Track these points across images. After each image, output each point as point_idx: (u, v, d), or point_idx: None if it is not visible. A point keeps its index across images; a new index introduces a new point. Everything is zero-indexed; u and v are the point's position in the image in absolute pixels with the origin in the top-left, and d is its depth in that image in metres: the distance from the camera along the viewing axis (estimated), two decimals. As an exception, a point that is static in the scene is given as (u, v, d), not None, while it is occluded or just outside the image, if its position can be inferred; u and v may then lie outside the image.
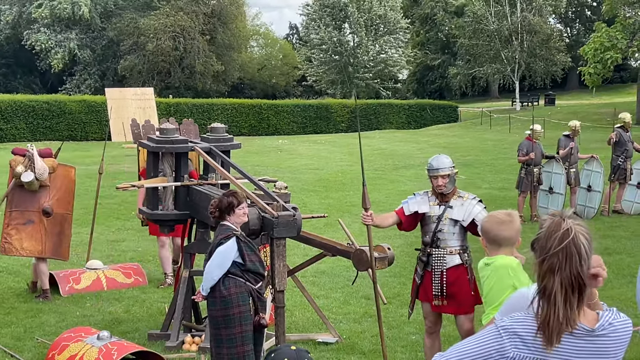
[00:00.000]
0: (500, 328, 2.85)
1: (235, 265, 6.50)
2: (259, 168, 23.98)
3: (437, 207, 7.10)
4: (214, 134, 8.83)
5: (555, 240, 2.76)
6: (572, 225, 2.78)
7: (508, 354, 2.81)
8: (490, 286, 5.02)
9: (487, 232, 4.95)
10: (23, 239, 9.99)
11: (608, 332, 2.81)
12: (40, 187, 9.98)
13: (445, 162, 7.14)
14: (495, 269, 4.94)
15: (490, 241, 4.94)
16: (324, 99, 58.98)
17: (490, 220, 4.97)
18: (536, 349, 2.78)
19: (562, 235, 2.76)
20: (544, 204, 15.64)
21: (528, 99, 57.31)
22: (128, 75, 63.97)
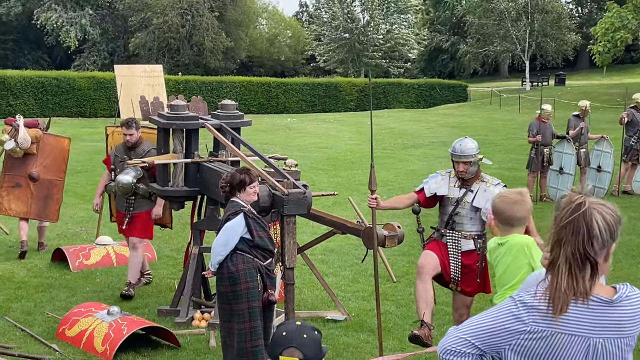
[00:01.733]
0: (519, 302, 2.83)
1: (243, 242, 6.49)
2: (268, 146, 23.95)
3: (458, 189, 6.97)
4: (225, 110, 8.81)
5: (567, 213, 2.75)
6: (586, 200, 2.75)
7: (526, 328, 2.79)
8: (505, 265, 4.98)
9: (501, 213, 4.89)
10: (11, 201, 11.15)
11: (625, 304, 2.79)
12: (28, 155, 11.04)
13: (470, 147, 6.90)
14: (509, 248, 4.90)
15: (504, 222, 4.89)
16: (333, 78, 58.81)
17: (503, 200, 4.91)
18: (555, 322, 2.77)
19: (572, 209, 2.75)
20: (554, 184, 15.60)
21: (538, 79, 57.03)
22: (138, 53, 63.78)
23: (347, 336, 7.93)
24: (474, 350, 2.86)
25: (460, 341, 2.88)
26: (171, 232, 12.61)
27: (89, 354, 7.26)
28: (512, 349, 2.82)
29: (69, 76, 41.34)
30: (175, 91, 40.38)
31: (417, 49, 71.97)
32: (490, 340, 2.84)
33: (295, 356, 2.98)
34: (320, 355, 3.04)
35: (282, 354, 2.99)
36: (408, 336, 6.85)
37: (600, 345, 2.76)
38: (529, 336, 2.78)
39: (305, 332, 3.04)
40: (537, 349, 2.79)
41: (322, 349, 3.07)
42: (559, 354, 2.78)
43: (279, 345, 3.02)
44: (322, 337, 3.12)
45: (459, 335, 2.89)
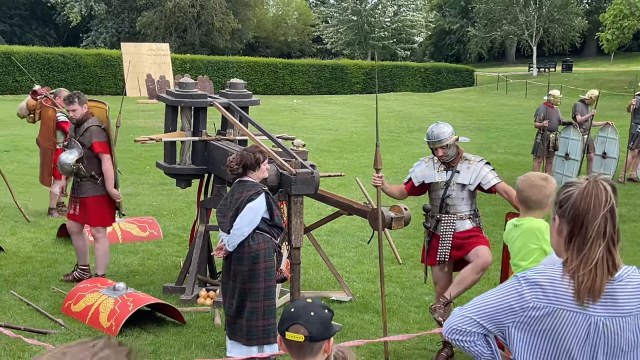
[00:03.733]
0: (522, 278, 2.87)
1: (262, 221, 6.52)
2: (274, 127, 23.92)
3: (445, 172, 7.04)
4: (233, 89, 8.80)
5: (586, 192, 2.82)
6: (595, 179, 2.85)
7: (528, 304, 2.82)
8: (518, 248, 5.02)
9: (520, 192, 4.98)
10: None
11: (625, 283, 2.82)
12: (39, 123, 12.18)
13: (444, 132, 6.94)
14: (523, 232, 4.94)
15: (521, 201, 4.98)
16: (339, 60, 58.65)
17: (525, 180, 4.98)
18: (557, 298, 2.79)
19: (589, 189, 2.83)
20: (559, 170, 15.58)
21: (545, 65, 56.84)
22: (146, 31, 63.56)
23: (352, 317, 7.95)
24: (480, 329, 2.89)
25: (465, 320, 2.91)
26: (177, 210, 12.67)
27: (95, 329, 7.30)
28: (516, 327, 2.85)
29: (75, 53, 41.26)
30: (181, 70, 40.35)
31: (424, 32, 71.76)
32: (495, 318, 2.87)
33: (301, 333, 2.99)
34: (328, 334, 3.04)
35: (289, 329, 3.01)
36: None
37: (602, 324, 2.78)
38: (532, 313, 2.81)
39: (313, 309, 3.05)
40: (540, 326, 2.82)
41: (331, 328, 3.07)
42: (562, 331, 2.80)
43: (286, 321, 3.04)
44: (333, 316, 3.11)
45: (464, 314, 2.93)
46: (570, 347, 2.81)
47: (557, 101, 15.49)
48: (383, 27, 67.67)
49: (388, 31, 67.65)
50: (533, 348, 2.86)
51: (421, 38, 72.61)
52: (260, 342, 6.59)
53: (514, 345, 2.88)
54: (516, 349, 2.89)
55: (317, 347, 3.03)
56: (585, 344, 2.80)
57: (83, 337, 7.06)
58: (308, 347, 3.01)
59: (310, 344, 3.00)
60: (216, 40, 64.70)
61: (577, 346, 2.81)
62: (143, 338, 7.19)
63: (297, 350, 3.03)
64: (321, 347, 3.04)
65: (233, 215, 6.51)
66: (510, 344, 2.90)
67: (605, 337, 2.79)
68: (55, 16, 67.02)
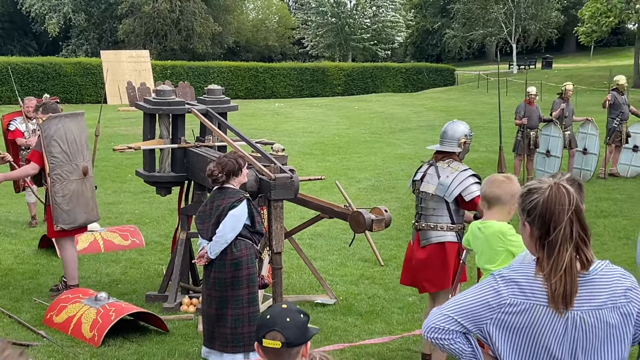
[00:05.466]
0: (498, 276, 2.91)
1: (244, 228, 6.51)
2: (256, 131, 23.93)
3: None
4: (211, 95, 8.79)
5: (548, 194, 2.86)
6: (555, 182, 2.89)
7: (505, 301, 2.86)
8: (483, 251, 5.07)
9: (481, 189, 5.08)
10: None
11: (600, 276, 2.86)
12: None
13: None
14: (486, 239, 4.98)
15: (482, 199, 5.06)
16: (320, 62, 58.69)
17: (488, 179, 5.06)
18: (533, 295, 2.82)
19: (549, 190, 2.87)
20: (541, 167, 15.65)
21: (525, 62, 57.07)
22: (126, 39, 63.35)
23: (336, 320, 7.95)
24: (458, 327, 2.92)
25: (444, 318, 2.94)
26: (159, 218, 12.64)
27: (77, 340, 7.25)
28: (495, 324, 2.88)
29: (54, 62, 41.09)
30: (162, 77, 40.28)
31: (404, 31, 71.90)
32: (473, 315, 2.90)
33: (278, 339, 2.99)
34: (305, 338, 3.04)
35: (265, 336, 3.00)
36: None
37: (579, 318, 2.82)
38: (509, 309, 2.85)
39: (289, 315, 3.05)
40: (518, 322, 2.85)
41: (308, 332, 3.07)
42: (539, 327, 2.83)
43: (263, 328, 3.03)
44: (309, 320, 3.11)
45: (443, 313, 2.95)
46: (549, 342, 2.84)
47: (532, 98, 15.58)
48: (363, 29, 67.73)
49: (368, 32, 67.72)
50: (513, 345, 2.88)
51: (401, 38, 72.71)
52: (246, 349, 6.58)
53: (494, 343, 2.91)
54: (496, 346, 2.91)
55: (295, 352, 3.03)
56: (564, 338, 2.83)
57: (66, 349, 7.03)
58: (286, 352, 3.01)
59: (288, 350, 3.01)
60: (197, 46, 64.57)
61: (556, 341, 2.84)
62: (126, 348, 7.16)
63: (275, 356, 3.03)
64: (299, 351, 3.04)
65: (215, 222, 6.49)
66: (490, 342, 2.93)
67: (583, 330, 2.83)
68: (34, 26, 66.67)
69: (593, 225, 12.01)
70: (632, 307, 2.87)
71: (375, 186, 15.60)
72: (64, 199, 8.36)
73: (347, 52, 67.87)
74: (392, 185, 15.61)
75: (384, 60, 65.46)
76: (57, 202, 8.33)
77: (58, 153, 8.34)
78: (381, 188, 15.43)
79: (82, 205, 8.52)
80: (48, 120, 8.39)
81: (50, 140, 8.31)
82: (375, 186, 15.60)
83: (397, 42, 72.62)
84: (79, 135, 8.59)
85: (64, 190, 8.37)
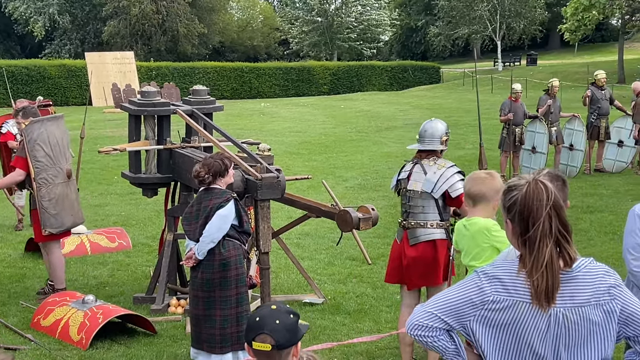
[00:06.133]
0: (481, 273, 2.92)
1: (232, 228, 6.50)
2: (242, 131, 23.90)
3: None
4: (196, 96, 8.77)
5: (527, 191, 2.88)
6: (534, 178, 2.91)
7: (488, 298, 2.87)
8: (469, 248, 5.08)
9: (464, 187, 5.09)
10: None
11: (583, 274, 2.87)
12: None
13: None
14: (472, 234, 4.99)
15: (466, 196, 5.05)
16: (306, 62, 58.68)
17: (470, 176, 5.07)
18: (516, 291, 2.83)
19: (530, 187, 2.89)
20: (527, 164, 15.70)
21: (510, 59, 57.22)
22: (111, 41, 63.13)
23: (324, 319, 7.95)
24: (442, 324, 2.92)
25: (427, 315, 2.94)
26: (146, 220, 12.61)
27: (65, 343, 7.23)
28: (478, 321, 2.88)
29: (39, 65, 40.96)
30: (147, 78, 40.18)
31: (390, 30, 71.98)
32: (457, 312, 2.91)
33: (267, 342, 2.96)
34: (295, 339, 3.02)
35: (255, 339, 2.97)
36: None
37: (562, 315, 2.83)
38: (492, 306, 2.85)
39: (278, 317, 3.01)
40: (501, 319, 2.85)
41: (298, 333, 3.04)
42: (523, 324, 2.84)
43: (252, 331, 3.00)
44: (299, 319, 3.09)
45: (426, 310, 2.96)
46: (532, 338, 2.85)
47: (517, 95, 15.63)
48: (349, 28, 67.75)
49: (354, 31, 67.74)
50: (496, 342, 2.89)
51: (386, 37, 72.77)
52: (235, 348, 6.57)
53: (478, 340, 2.91)
54: (480, 343, 2.92)
55: (286, 354, 3.01)
56: (547, 335, 2.84)
57: (53, 352, 7.00)
58: (276, 355, 2.98)
59: (279, 352, 2.97)
60: (182, 47, 64.47)
61: (539, 338, 2.84)
62: (114, 350, 7.13)
63: (266, 359, 3.01)
64: (290, 352, 3.02)
65: (202, 223, 6.47)
66: (474, 339, 2.93)
67: (566, 328, 2.84)
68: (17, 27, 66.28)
69: (580, 221, 12.06)
70: (615, 305, 2.87)
71: (362, 185, 15.61)
72: (50, 202, 8.33)
73: (332, 51, 67.88)
74: (379, 184, 15.62)
75: (369, 59, 65.49)
76: (44, 207, 8.30)
77: (42, 157, 8.30)
78: (368, 186, 15.44)
79: (68, 208, 8.50)
80: (30, 125, 8.35)
81: (33, 144, 8.27)
82: (362, 185, 15.61)
83: (382, 41, 72.69)
84: (61, 138, 8.56)
85: (50, 194, 8.33)
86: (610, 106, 16.30)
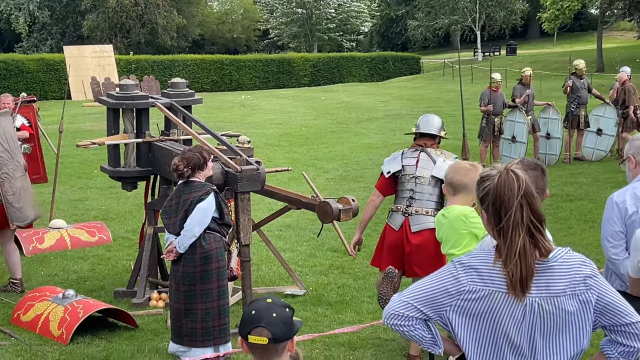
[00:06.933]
0: (457, 263, 2.94)
1: (212, 221, 6.49)
2: (222, 124, 23.84)
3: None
4: (175, 89, 8.74)
5: (499, 181, 2.89)
6: (504, 168, 2.92)
7: (464, 287, 2.88)
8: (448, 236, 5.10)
9: (446, 176, 5.09)
10: None
11: (559, 263, 2.89)
12: None
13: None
14: (450, 221, 5.00)
15: (447, 185, 5.07)
16: (286, 53, 58.55)
17: (453, 166, 5.11)
18: (492, 281, 2.85)
19: (502, 177, 2.90)
20: (507, 153, 15.77)
21: (490, 49, 57.35)
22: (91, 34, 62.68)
23: (306, 310, 7.95)
24: (418, 314, 2.93)
25: (404, 305, 2.95)
26: (126, 213, 12.56)
27: (45, 339, 7.19)
28: (454, 311, 2.90)
29: (17, 59, 40.64)
30: (127, 71, 40.01)
31: (369, 21, 71.94)
32: (433, 302, 2.92)
33: (264, 336, 2.92)
34: (291, 333, 3.00)
35: (251, 333, 2.94)
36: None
37: (537, 305, 2.84)
38: (468, 296, 2.87)
39: (275, 310, 2.99)
40: (478, 309, 2.87)
41: (294, 326, 3.02)
42: (498, 313, 2.85)
43: (248, 324, 2.97)
44: (294, 314, 3.08)
45: (402, 299, 2.97)
46: (508, 328, 2.86)
47: (497, 84, 15.68)
48: (328, 19, 67.63)
49: (334, 22, 67.63)
50: (473, 331, 2.90)
51: (366, 28, 72.70)
52: (217, 342, 6.57)
53: (455, 329, 2.93)
54: (457, 333, 2.94)
55: (282, 348, 2.98)
56: (522, 325, 2.86)
57: (34, 347, 6.96)
58: (273, 348, 2.94)
59: (275, 345, 2.94)
60: (161, 39, 64.12)
61: (515, 327, 2.86)
62: (95, 344, 7.11)
63: (262, 352, 2.96)
64: (285, 346, 2.99)
65: (182, 217, 6.46)
66: (451, 329, 2.95)
67: (541, 317, 2.85)
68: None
69: (559, 210, 12.13)
70: (591, 295, 2.89)
71: (343, 176, 15.61)
72: (14, 197, 8.32)
73: (312, 42, 67.75)
74: (360, 175, 15.63)
75: (349, 50, 65.43)
76: (9, 201, 8.28)
77: (2, 152, 8.27)
78: (349, 178, 15.45)
79: (28, 201, 8.55)
80: None
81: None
82: (343, 176, 15.62)
83: (362, 32, 72.62)
84: (13, 132, 8.57)
85: (13, 189, 8.32)
86: (588, 95, 16.38)
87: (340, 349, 6.95)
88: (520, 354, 2.89)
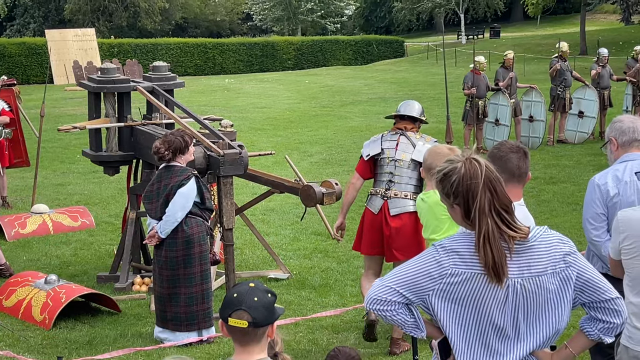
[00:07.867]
0: (439, 246, 2.95)
1: (194, 205, 6.49)
2: (206, 108, 23.75)
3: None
4: (156, 72, 8.69)
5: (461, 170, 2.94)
6: (467, 158, 2.96)
7: (446, 271, 2.89)
8: (428, 221, 5.11)
9: (425, 160, 5.12)
10: None
11: (539, 242, 2.92)
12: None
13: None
14: (429, 208, 5.01)
15: (426, 169, 5.08)
16: (269, 37, 58.30)
17: (431, 150, 5.14)
18: (474, 264, 2.85)
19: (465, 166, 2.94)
20: (490, 136, 15.79)
21: (473, 32, 57.33)
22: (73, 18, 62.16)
23: (289, 294, 7.96)
24: (400, 298, 2.93)
25: (386, 289, 2.95)
26: (109, 198, 12.51)
27: (28, 324, 7.17)
28: (437, 295, 2.90)
29: (-2, 43, 40.27)
30: (109, 55, 39.73)
31: (353, 4, 71.71)
32: (415, 286, 2.92)
33: (244, 319, 2.91)
34: (272, 318, 2.99)
35: (231, 315, 2.93)
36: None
37: (519, 285, 2.86)
38: (451, 279, 2.87)
39: (256, 294, 2.98)
40: (460, 292, 2.87)
41: (275, 312, 3.01)
42: (481, 296, 2.86)
43: (229, 307, 2.96)
44: (276, 300, 3.06)
45: (384, 284, 2.96)
46: (491, 310, 2.87)
47: (482, 67, 15.68)
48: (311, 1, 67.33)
49: (318, 5, 67.34)
50: (456, 315, 2.91)
51: (350, 11, 72.48)
52: (200, 326, 6.59)
53: (437, 313, 2.93)
54: (440, 317, 2.94)
55: (261, 332, 2.97)
56: (505, 306, 2.87)
57: (17, 332, 6.94)
58: (252, 332, 2.93)
59: (255, 330, 2.93)
60: (144, 22, 63.67)
61: (497, 309, 2.87)
62: (78, 329, 7.09)
63: (241, 336, 2.96)
64: (265, 332, 2.97)
65: (164, 202, 6.44)
66: (433, 313, 2.95)
67: (524, 297, 2.87)
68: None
69: (542, 192, 12.17)
70: (571, 272, 2.91)
71: (327, 160, 15.60)
72: None
73: (296, 26, 67.49)
74: (344, 158, 15.61)
75: (333, 33, 65.22)
76: None
77: None
78: (333, 161, 15.44)
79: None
80: None
81: None
82: (327, 160, 15.60)
83: (346, 15, 72.39)
84: None
85: None
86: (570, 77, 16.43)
87: (323, 332, 6.96)
88: (504, 335, 2.90)
